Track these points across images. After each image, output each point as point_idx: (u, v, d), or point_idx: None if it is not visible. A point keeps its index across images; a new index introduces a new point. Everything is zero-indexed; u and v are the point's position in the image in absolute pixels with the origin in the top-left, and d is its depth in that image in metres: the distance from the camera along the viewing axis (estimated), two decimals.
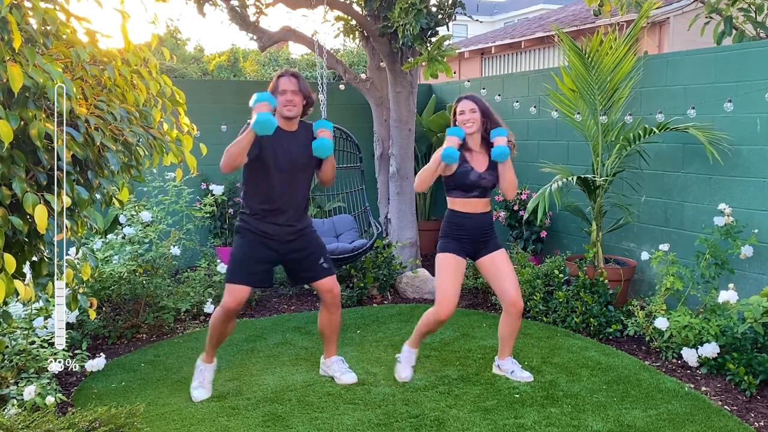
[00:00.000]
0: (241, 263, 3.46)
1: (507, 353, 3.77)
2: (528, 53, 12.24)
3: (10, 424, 2.31)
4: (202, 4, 5.82)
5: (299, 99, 3.45)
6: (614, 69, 4.81)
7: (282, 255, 3.52)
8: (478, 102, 3.59)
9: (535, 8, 27.80)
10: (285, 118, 3.46)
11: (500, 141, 3.50)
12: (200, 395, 3.50)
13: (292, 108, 3.43)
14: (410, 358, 3.75)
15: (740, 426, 3.15)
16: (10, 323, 2.41)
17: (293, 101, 3.43)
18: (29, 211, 1.95)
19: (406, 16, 5.09)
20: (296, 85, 3.43)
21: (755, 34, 5.70)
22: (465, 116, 3.57)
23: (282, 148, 3.43)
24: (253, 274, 3.47)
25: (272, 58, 15.84)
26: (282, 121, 3.45)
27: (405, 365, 3.73)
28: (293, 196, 3.49)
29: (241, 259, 3.47)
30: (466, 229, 3.58)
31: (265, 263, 3.51)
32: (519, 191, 5.93)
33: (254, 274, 3.47)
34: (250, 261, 3.46)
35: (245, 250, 3.47)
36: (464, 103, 3.60)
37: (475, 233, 3.59)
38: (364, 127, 6.74)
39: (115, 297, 4.46)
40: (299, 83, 3.44)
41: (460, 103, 3.61)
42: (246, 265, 3.45)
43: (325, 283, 3.58)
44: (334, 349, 3.79)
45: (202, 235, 6.30)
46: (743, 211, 4.40)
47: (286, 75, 3.46)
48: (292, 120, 3.48)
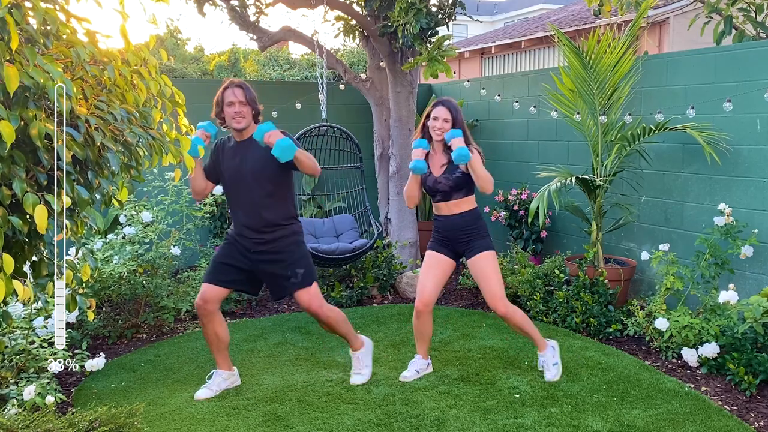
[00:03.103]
0: (212, 263, 3.62)
1: (540, 347, 3.77)
2: (528, 53, 12.24)
3: (10, 424, 2.31)
4: (202, 4, 5.82)
5: (247, 110, 3.43)
6: (613, 68, 4.81)
7: (252, 263, 3.49)
8: (452, 111, 3.57)
9: (535, 8, 27.80)
10: (236, 130, 3.47)
11: (457, 143, 3.45)
12: (201, 394, 3.51)
13: (241, 120, 3.42)
14: (416, 363, 3.80)
15: (740, 426, 3.16)
16: (10, 323, 2.41)
17: (241, 112, 3.41)
18: (29, 211, 1.95)
19: (405, 16, 5.09)
20: (243, 95, 3.41)
21: (755, 34, 5.70)
22: (437, 123, 3.56)
23: (232, 160, 3.45)
24: (218, 273, 3.51)
25: (272, 58, 15.85)
26: (235, 133, 3.50)
27: (410, 368, 3.78)
28: (253, 206, 3.44)
29: (213, 260, 3.65)
30: (441, 231, 3.70)
31: (234, 266, 3.51)
32: (519, 191, 5.93)
33: (219, 273, 3.51)
34: (219, 261, 3.56)
35: (218, 252, 3.65)
36: (440, 110, 3.57)
37: (450, 234, 3.65)
38: (364, 127, 6.75)
39: (115, 297, 4.47)
40: (245, 94, 3.42)
41: (436, 108, 3.59)
42: (214, 265, 3.57)
43: (301, 298, 3.49)
44: (353, 343, 3.73)
45: (202, 235, 6.30)
46: (743, 211, 4.40)
47: (231, 86, 3.44)
48: (242, 131, 3.47)
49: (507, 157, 6.57)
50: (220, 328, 3.54)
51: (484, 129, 6.89)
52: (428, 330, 3.76)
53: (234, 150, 3.47)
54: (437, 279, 3.68)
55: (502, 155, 6.59)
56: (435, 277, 3.67)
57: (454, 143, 3.45)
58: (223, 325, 3.58)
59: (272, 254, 3.46)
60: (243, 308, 5.23)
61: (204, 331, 3.57)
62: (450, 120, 3.55)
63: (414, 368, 3.77)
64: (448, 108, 3.57)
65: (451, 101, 3.64)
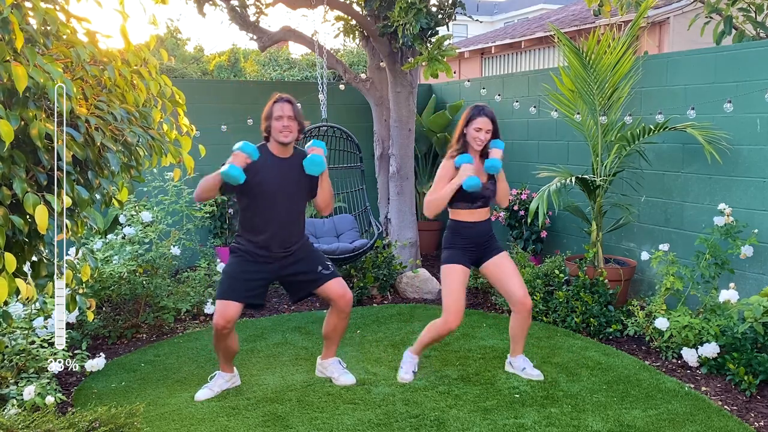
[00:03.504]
0: (231, 279, 3.43)
1: (518, 351, 3.78)
2: (528, 53, 12.24)
3: (10, 424, 2.31)
4: (202, 4, 5.82)
5: (295, 125, 3.43)
6: (613, 69, 4.81)
7: (278, 270, 3.49)
8: (494, 122, 3.56)
9: (535, 8, 27.80)
10: (281, 144, 3.45)
11: (495, 154, 3.52)
12: (201, 395, 3.50)
13: (288, 134, 3.41)
14: (413, 363, 3.77)
15: (740, 426, 3.16)
16: (10, 323, 2.41)
17: (290, 127, 3.41)
18: (29, 211, 1.95)
19: (405, 16, 5.09)
20: (292, 111, 3.42)
21: (755, 34, 5.70)
22: (480, 135, 3.52)
23: (271, 175, 3.41)
24: (243, 291, 3.41)
25: (272, 58, 15.84)
26: (277, 148, 3.47)
27: (407, 370, 3.75)
28: (288, 221, 3.46)
29: (231, 276, 3.45)
30: (472, 238, 3.59)
31: (257, 280, 3.46)
32: (519, 191, 5.93)
33: (244, 291, 3.41)
34: (240, 277, 3.43)
35: (236, 268, 3.46)
36: (484, 121, 3.51)
37: (480, 240, 3.61)
38: (364, 127, 6.75)
39: (115, 297, 4.47)
40: (294, 109, 3.43)
41: (479, 119, 3.51)
42: (236, 282, 3.42)
43: (334, 287, 3.52)
44: (333, 352, 3.78)
45: (202, 235, 6.30)
46: (743, 211, 4.40)
47: (281, 101, 3.44)
48: (287, 146, 3.47)
49: (507, 157, 6.53)
50: (233, 342, 3.52)
51: None
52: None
53: (273, 165, 3.42)
54: (465, 295, 3.60)
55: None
56: (464, 293, 3.59)
57: (493, 153, 3.51)
58: (236, 338, 3.57)
59: (295, 258, 3.50)
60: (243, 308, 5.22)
61: (219, 346, 3.49)
62: (491, 131, 3.55)
63: (411, 370, 3.74)
64: (492, 119, 3.54)
65: (491, 110, 3.58)
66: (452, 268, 3.55)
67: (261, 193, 3.40)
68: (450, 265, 3.55)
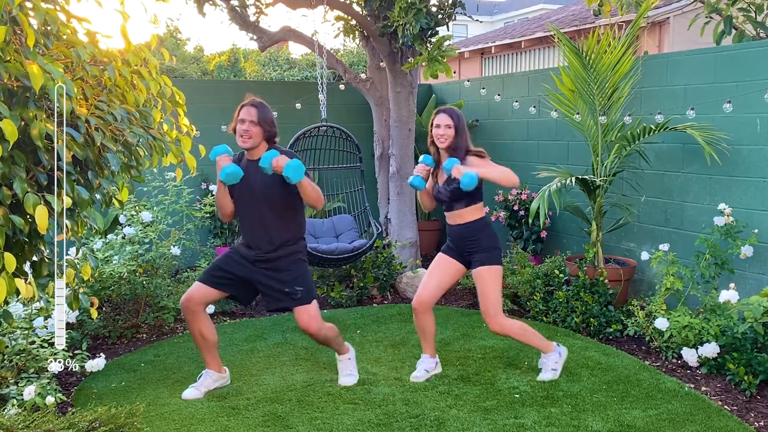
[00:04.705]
0: (210, 266, 3.64)
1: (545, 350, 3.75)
2: (528, 53, 12.25)
3: (10, 424, 2.31)
4: (202, 4, 5.82)
5: (257, 130, 3.38)
6: (613, 69, 4.81)
7: (252, 273, 3.50)
8: (454, 118, 3.56)
9: (535, 8, 27.79)
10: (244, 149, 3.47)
11: (457, 172, 3.34)
12: (188, 394, 3.51)
13: (247, 140, 3.39)
14: (424, 362, 3.81)
15: (740, 426, 3.16)
16: (11, 323, 2.41)
17: (249, 132, 3.37)
18: (30, 211, 1.95)
19: (405, 16, 5.09)
20: (254, 115, 3.37)
21: (755, 34, 5.70)
22: (440, 131, 3.56)
23: (246, 176, 3.39)
24: (211, 274, 3.54)
25: (272, 58, 15.85)
26: (246, 151, 3.49)
27: (419, 368, 3.78)
28: (260, 223, 3.45)
29: (212, 263, 3.68)
30: (452, 238, 3.75)
31: (229, 270, 3.52)
32: (519, 191, 5.93)
33: (212, 274, 3.54)
34: (215, 264, 3.61)
35: (220, 258, 3.65)
36: (442, 117, 3.57)
37: (457, 242, 3.71)
38: (364, 127, 6.75)
39: (115, 297, 4.47)
40: (258, 113, 3.37)
41: (438, 116, 3.59)
42: (210, 267, 3.62)
43: (298, 316, 3.46)
44: (340, 349, 3.75)
45: (202, 235, 6.30)
46: (743, 211, 4.40)
47: (247, 105, 3.42)
48: (251, 151, 3.44)
49: (507, 157, 6.56)
50: (204, 328, 3.52)
51: (484, 129, 6.89)
52: (429, 328, 3.76)
53: (245, 167, 3.42)
54: (439, 280, 3.70)
55: (502, 155, 6.58)
56: (437, 278, 3.70)
57: (456, 172, 3.36)
58: (209, 325, 3.55)
59: (272, 271, 3.48)
60: (243, 308, 5.23)
61: (189, 330, 3.58)
62: (452, 126, 3.54)
63: (423, 368, 3.77)
64: (449, 114, 3.56)
65: (452, 107, 3.64)
66: (437, 255, 3.80)
67: (238, 195, 3.50)
68: (438, 253, 3.82)
